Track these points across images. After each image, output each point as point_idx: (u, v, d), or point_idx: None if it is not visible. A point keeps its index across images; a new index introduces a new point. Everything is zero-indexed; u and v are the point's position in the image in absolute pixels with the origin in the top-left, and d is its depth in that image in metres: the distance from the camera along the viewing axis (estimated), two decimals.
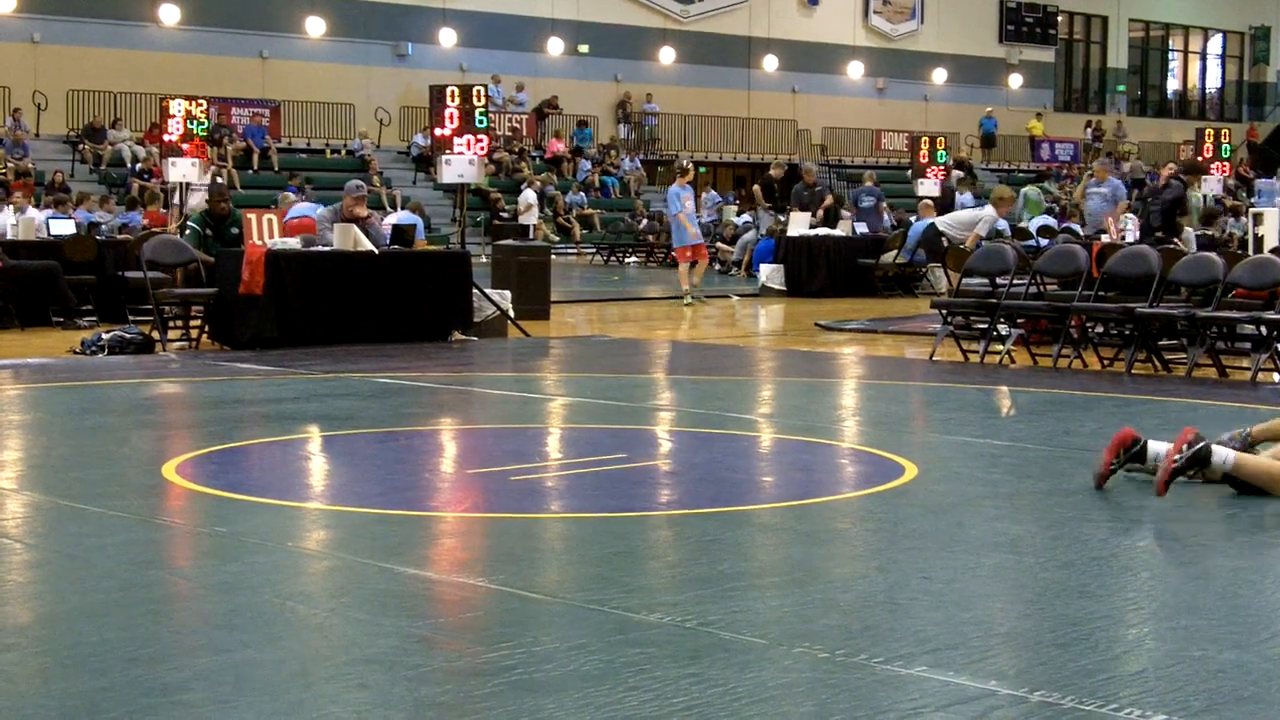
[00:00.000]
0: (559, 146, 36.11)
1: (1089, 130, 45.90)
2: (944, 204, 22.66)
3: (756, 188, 25.32)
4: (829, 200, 23.03)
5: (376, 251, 13.07)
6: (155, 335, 12.62)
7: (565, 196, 34.01)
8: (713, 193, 32.99)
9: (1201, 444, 5.84)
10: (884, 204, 24.75)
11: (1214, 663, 4.01)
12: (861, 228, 22.74)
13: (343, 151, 33.21)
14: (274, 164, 31.38)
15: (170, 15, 32.01)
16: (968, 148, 38.80)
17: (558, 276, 18.55)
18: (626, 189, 36.19)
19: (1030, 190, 23.33)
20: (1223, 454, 5.94)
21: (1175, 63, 52.29)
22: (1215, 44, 52.24)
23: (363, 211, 13.52)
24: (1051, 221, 22.93)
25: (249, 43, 33.14)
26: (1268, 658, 4.12)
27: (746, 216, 28.28)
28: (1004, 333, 12.30)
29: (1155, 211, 17.29)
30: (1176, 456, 5.80)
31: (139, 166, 28.97)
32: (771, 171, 26.11)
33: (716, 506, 6.18)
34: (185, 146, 18.13)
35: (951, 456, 7.64)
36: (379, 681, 3.79)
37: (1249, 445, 6.73)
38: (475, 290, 13.78)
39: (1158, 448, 6.38)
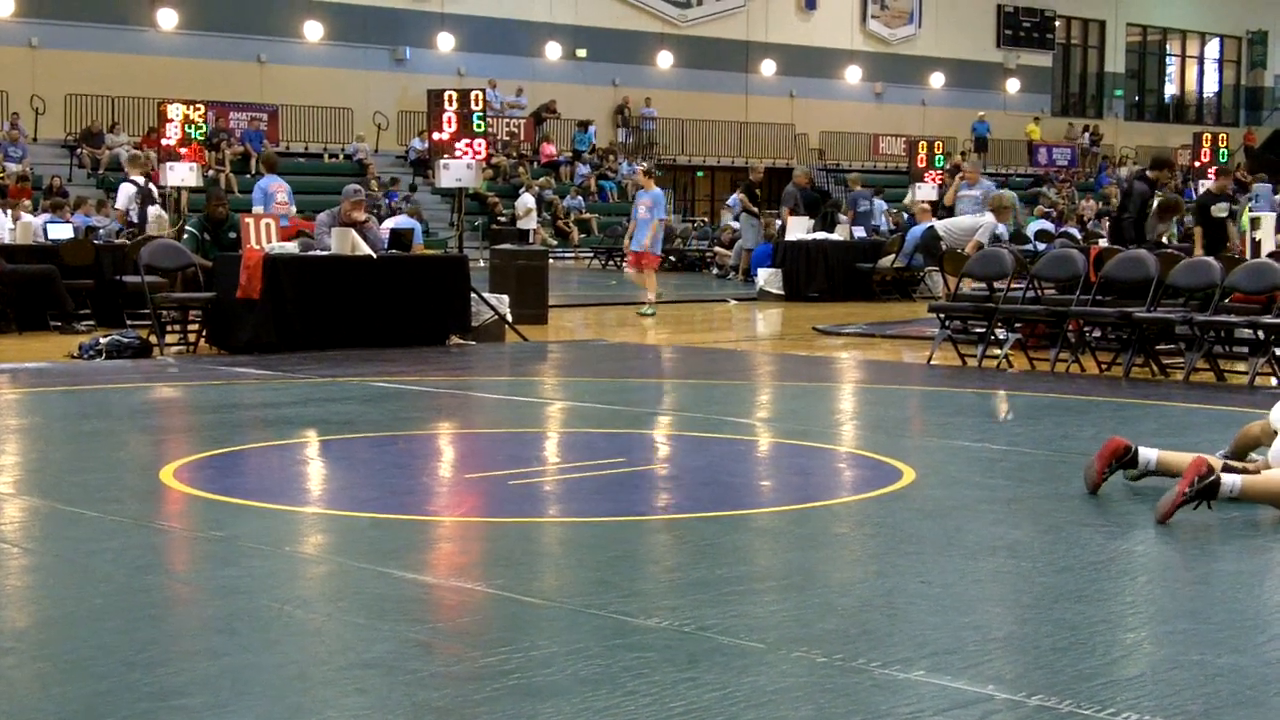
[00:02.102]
0: (551, 150, 36.11)
1: (1086, 134, 45.94)
2: (951, 209, 22.59)
3: (743, 196, 25.06)
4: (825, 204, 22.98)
5: (374, 256, 13.07)
6: (153, 339, 12.61)
7: (563, 201, 34.01)
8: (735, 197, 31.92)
9: (1211, 477, 5.84)
10: (880, 208, 24.73)
11: (1211, 667, 4.02)
12: (859, 231, 22.75)
13: (340, 156, 33.22)
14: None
15: (168, 19, 32.02)
16: (960, 154, 38.79)
17: (555, 281, 18.53)
18: (624, 193, 36.18)
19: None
20: (1230, 482, 5.93)
21: (1173, 67, 52.33)
22: (1213, 48, 52.28)
23: (360, 216, 13.51)
24: (1049, 226, 22.95)
25: (247, 47, 33.14)
26: (1265, 662, 4.12)
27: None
28: (1002, 337, 12.30)
29: (1127, 221, 14.56)
30: (1186, 490, 5.79)
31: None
32: (751, 177, 25.97)
33: (715, 511, 6.19)
34: (183, 151, 18.12)
35: (949, 461, 7.64)
36: (377, 686, 3.79)
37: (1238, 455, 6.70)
38: (473, 294, 13.77)
39: (1148, 455, 6.39)
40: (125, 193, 18.53)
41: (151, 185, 19.08)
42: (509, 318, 14.19)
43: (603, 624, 4.37)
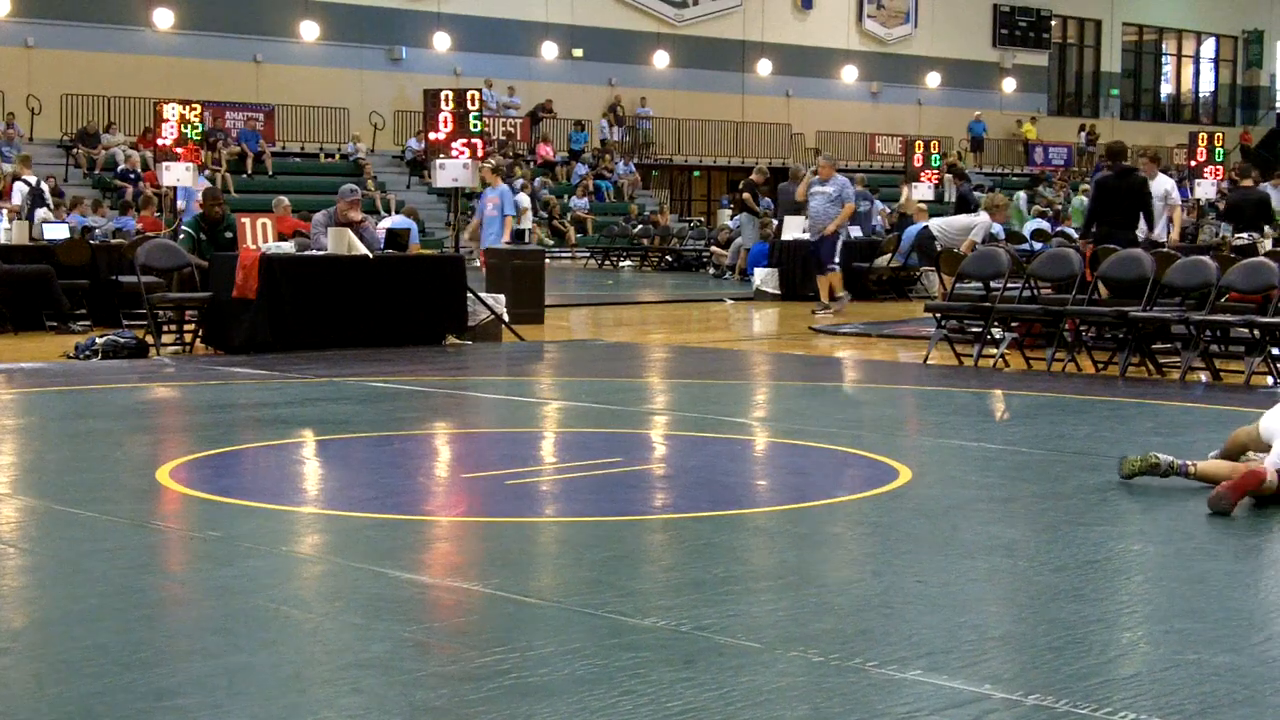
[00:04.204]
0: (547, 151, 36.10)
1: (1083, 134, 45.96)
2: (961, 208, 22.59)
3: (747, 196, 25.05)
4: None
5: (371, 256, 13.06)
6: (149, 339, 12.60)
7: (567, 200, 34.04)
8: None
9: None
10: (877, 208, 24.68)
11: (1208, 666, 4.02)
12: (856, 232, 22.72)
13: (336, 155, 33.21)
14: (268, 168, 31.38)
15: (164, 19, 31.99)
16: (957, 154, 38.80)
17: (552, 280, 18.51)
18: (620, 193, 36.19)
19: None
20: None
21: (1169, 66, 52.36)
22: (1208, 48, 52.31)
23: (357, 216, 13.50)
24: (1045, 225, 22.96)
25: (243, 47, 33.12)
26: (1261, 661, 4.12)
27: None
28: (998, 336, 12.30)
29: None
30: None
31: (122, 167, 28.95)
32: (753, 176, 25.91)
33: (711, 510, 6.19)
34: (179, 151, 18.12)
35: (946, 460, 7.64)
36: (373, 686, 3.79)
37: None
38: (469, 294, 13.77)
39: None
40: (19, 192, 18.86)
41: (44, 186, 19.30)
42: (505, 317, 14.19)
43: (599, 624, 4.37)
